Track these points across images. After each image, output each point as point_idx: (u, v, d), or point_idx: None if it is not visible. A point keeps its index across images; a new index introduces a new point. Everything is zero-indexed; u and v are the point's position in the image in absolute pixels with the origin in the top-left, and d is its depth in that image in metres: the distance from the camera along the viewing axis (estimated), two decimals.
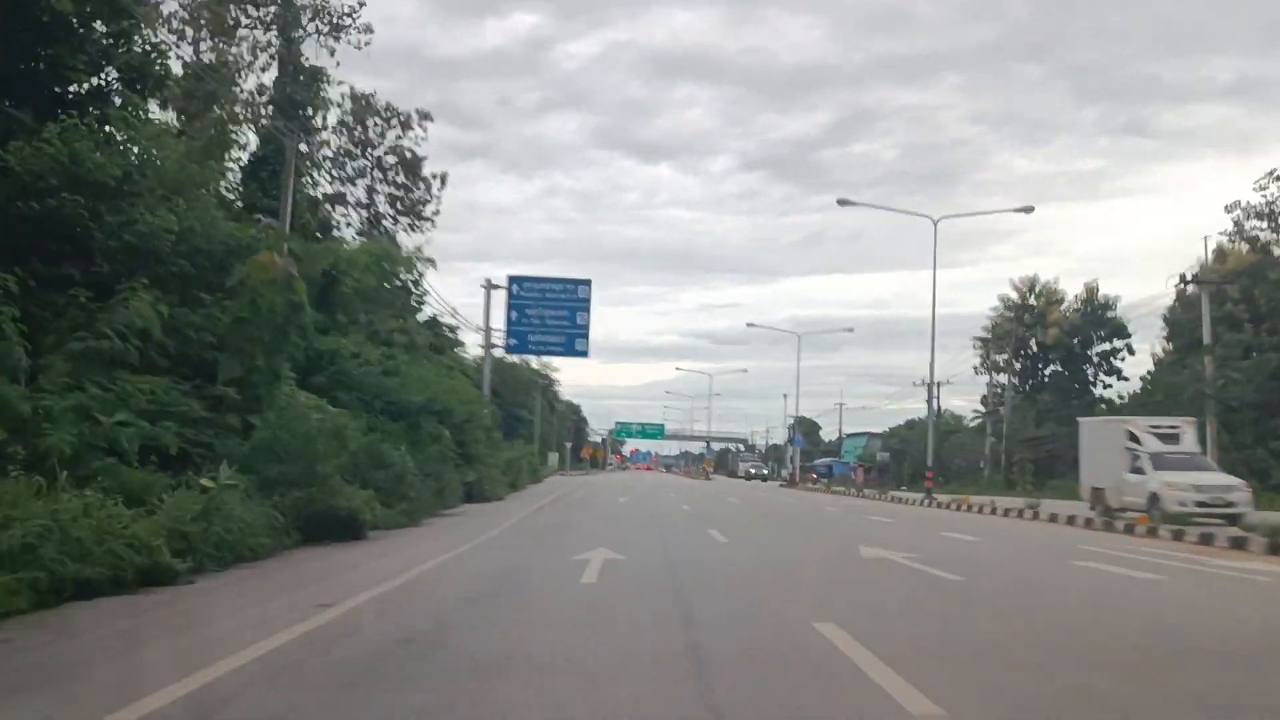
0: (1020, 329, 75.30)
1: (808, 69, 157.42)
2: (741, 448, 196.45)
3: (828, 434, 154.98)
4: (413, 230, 46.43)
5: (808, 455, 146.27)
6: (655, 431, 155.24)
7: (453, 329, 61.15)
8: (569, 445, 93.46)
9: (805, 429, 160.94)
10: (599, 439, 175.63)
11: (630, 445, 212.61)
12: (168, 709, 4.59)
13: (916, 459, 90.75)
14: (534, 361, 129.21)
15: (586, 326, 40.28)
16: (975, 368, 78.54)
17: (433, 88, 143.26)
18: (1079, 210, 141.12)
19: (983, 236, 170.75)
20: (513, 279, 40.62)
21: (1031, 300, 76.99)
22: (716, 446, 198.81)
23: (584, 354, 40.40)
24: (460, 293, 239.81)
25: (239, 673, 5.34)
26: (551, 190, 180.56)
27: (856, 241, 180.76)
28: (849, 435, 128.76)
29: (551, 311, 40.09)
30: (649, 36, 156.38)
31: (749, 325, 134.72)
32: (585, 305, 40.29)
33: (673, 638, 6.85)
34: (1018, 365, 77.71)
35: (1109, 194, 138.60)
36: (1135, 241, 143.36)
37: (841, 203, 39.50)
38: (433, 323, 59.36)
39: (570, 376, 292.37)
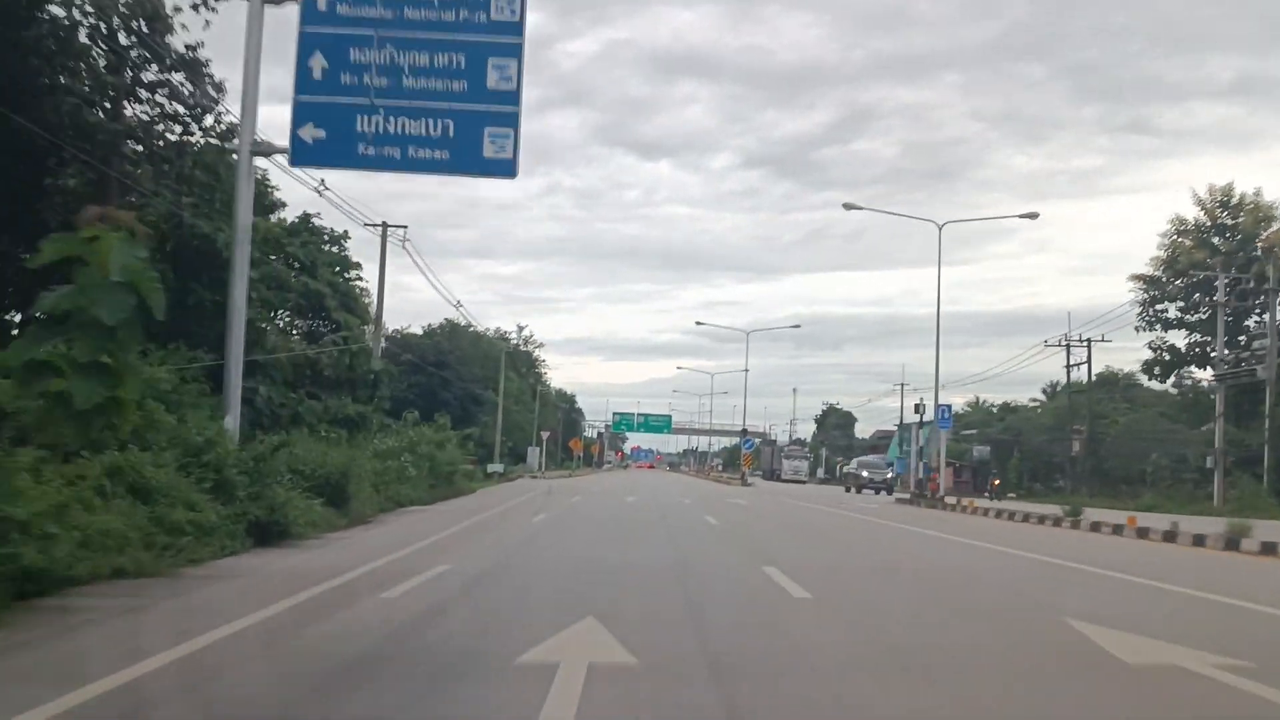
0: (1206, 256, 49.54)
1: (807, 67, 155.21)
2: (757, 441, 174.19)
3: (862, 429, 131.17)
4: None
5: (845, 452, 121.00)
6: (661, 424, 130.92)
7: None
8: (546, 436, 67.73)
9: (839, 420, 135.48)
10: (597, 432, 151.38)
11: (631, 441, 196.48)
12: None
13: (1033, 455, 65.34)
14: (516, 337, 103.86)
15: (515, 98, 14.75)
16: (1141, 320, 52.63)
17: None
18: (1080, 208, 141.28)
19: (983, 235, 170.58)
20: None
21: (1225, 219, 51.45)
22: (727, 443, 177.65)
23: (506, 170, 14.73)
24: (460, 289, 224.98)
25: None
26: (552, 187, 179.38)
27: (858, 240, 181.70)
28: (904, 427, 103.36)
29: (420, 54, 14.65)
30: (649, 34, 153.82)
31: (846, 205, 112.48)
32: (510, 41, 14.79)
33: None
34: (1198, 314, 51.95)
35: (1109, 192, 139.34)
36: (1136, 240, 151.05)
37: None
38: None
39: (568, 374, 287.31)
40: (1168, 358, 53.44)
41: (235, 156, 15.96)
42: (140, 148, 21.38)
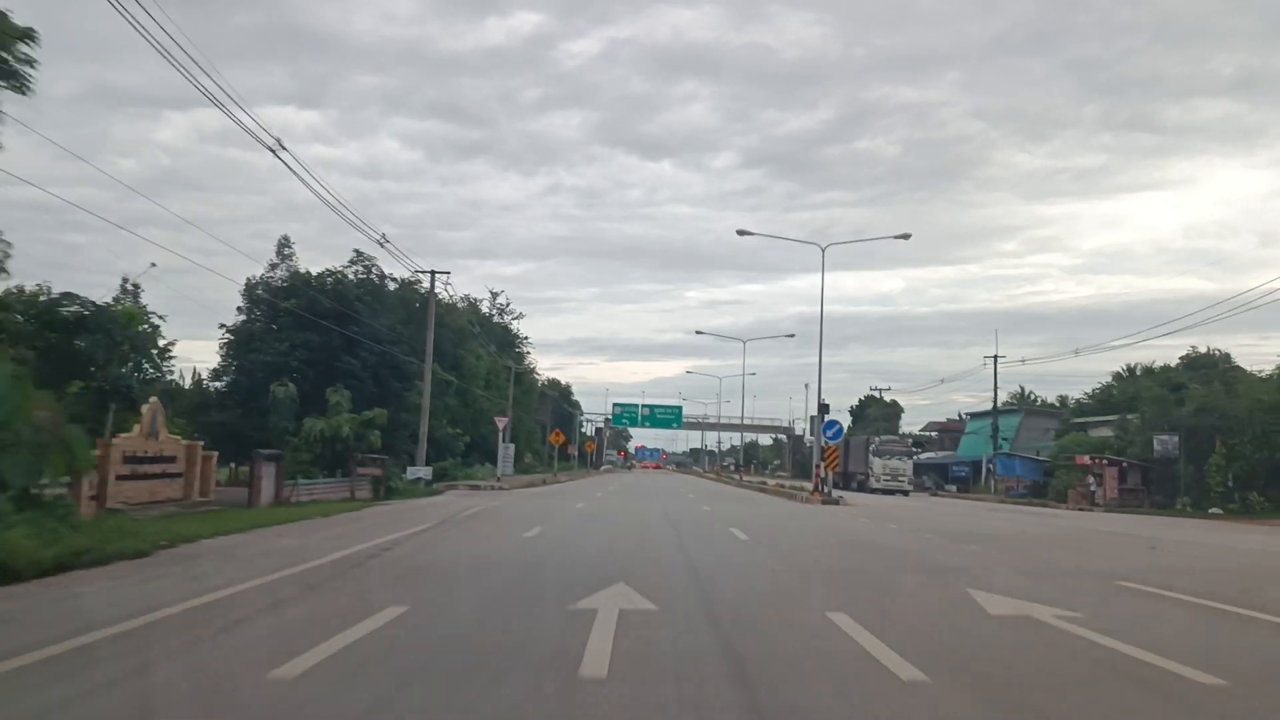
0: None
1: (809, 65, 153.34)
2: (775, 440, 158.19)
3: (911, 416, 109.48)
4: None
5: (919, 444, 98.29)
6: (669, 417, 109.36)
7: None
8: (504, 424, 45.09)
9: (881, 411, 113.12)
10: (595, 428, 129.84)
11: (634, 440, 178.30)
12: None
13: (1245, 451, 40.93)
14: (489, 306, 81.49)
15: None
16: None
17: (434, 85, 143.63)
18: (1082, 206, 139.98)
19: (986, 233, 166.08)
20: None
21: None
22: (736, 439, 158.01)
23: None
24: (462, 291, 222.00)
25: None
26: (554, 187, 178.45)
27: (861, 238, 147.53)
28: (977, 415, 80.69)
29: None
30: (650, 33, 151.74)
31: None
32: None
33: None
34: None
35: (1112, 190, 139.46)
36: (1139, 237, 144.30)
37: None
38: None
39: (572, 374, 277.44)
40: None
41: None
42: None
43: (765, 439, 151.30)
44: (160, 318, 28.52)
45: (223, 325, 43.95)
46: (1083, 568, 12.12)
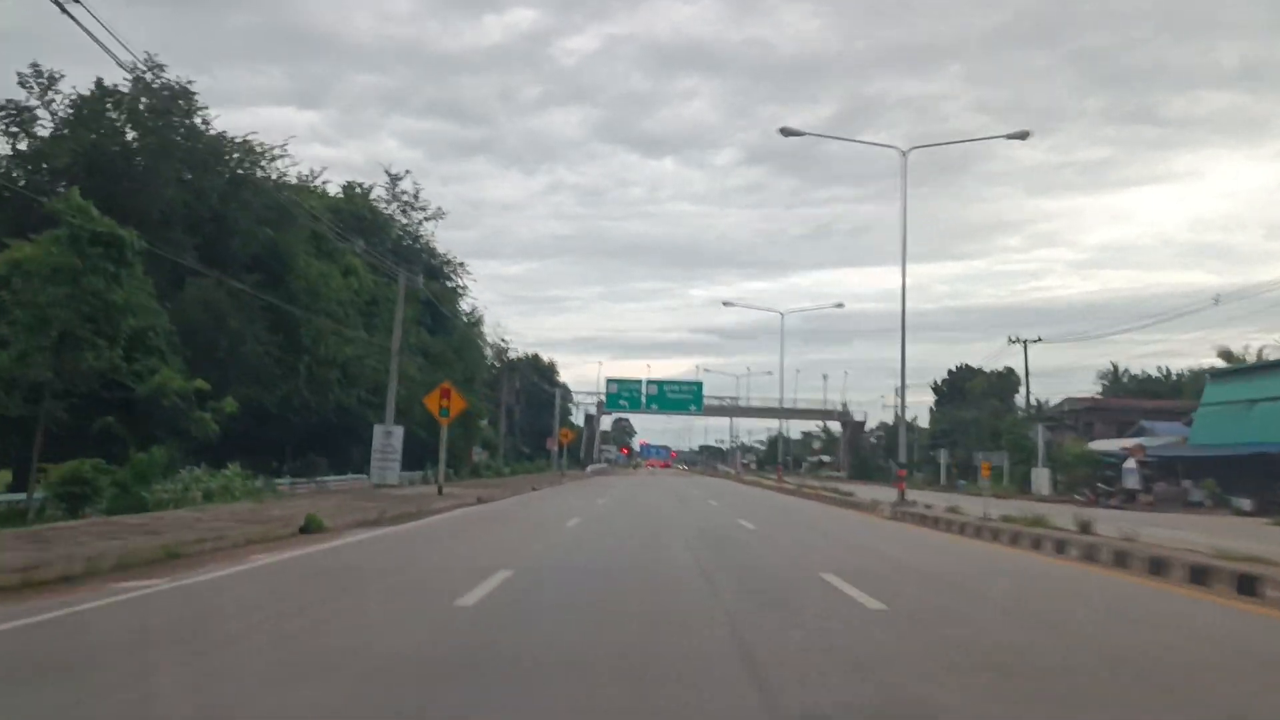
0: None
1: (810, 59, 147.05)
2: (805, 436, 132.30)
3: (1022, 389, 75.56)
4: None
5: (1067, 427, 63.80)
6: (685, 397, 78.00)
7: None
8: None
9: (990, 386, 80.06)
10: (586, 414, 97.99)
11: (639, 435, 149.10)
12: None
13: None
14: (389, 203, 48.70)
15: None
16: None
17: (432, 84, 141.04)
18: (1086, 200, 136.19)
19: (990, 228, 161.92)
20: None
21: None
22: (765, 426, 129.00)
23: None
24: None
25: None
26: (555, 186, 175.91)
27: (864, 234, 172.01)
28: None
29: None
30: (649, 29, 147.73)
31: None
32: None
33: None
34: None
35: (1116, 183, 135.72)
36: (1144, 231, 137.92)
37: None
38: None
39: (575, 373, 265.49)
40: None
41: None
42: None
43: (794, 433, 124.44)
44: None
45: None
46: None
